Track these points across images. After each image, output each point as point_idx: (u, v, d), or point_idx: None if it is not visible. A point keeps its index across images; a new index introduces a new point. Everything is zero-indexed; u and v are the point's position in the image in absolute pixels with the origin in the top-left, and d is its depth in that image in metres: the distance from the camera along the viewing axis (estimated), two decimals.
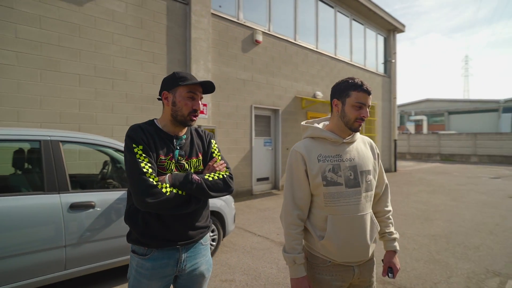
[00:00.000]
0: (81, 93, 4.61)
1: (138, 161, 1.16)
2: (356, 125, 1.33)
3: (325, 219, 1.30)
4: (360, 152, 1.37)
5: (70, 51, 4.52)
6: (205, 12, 6.10)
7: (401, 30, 13.01)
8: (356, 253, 1.31)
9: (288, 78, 8.19)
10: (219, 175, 1.33)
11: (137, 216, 1.24)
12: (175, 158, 1.28)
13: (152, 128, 1.29)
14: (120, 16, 5.02)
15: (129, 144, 1.20)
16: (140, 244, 1.25)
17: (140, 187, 1.13)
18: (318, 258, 1.34)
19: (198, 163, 1.37)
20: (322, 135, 1.35)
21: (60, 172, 2.43)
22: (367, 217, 1.31)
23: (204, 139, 1.44)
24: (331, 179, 1.29)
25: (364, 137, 1.47)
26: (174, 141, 1.31)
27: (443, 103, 31.96)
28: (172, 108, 1.29)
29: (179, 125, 1.32)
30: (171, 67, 5.67)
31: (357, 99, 1.29)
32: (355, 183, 1.30)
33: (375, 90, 12.03)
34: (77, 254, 2.43)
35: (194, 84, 1.30)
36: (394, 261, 1.44)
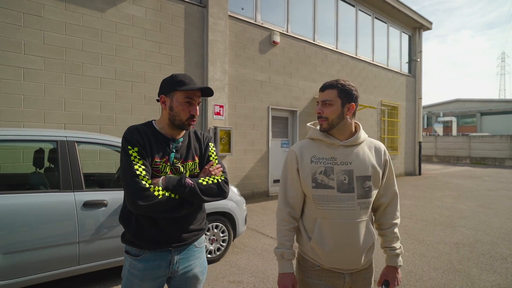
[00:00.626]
0: (102, 95, 4.81)
1: (132, 163, 1.18)
2: (319, 123, 1.34)
3: (314, 221, 1.29)
4: (361, 157, 1.30)
5: (92, 55, 4.73)
6: (222, 15, 6.17)
7: (427, 27, 12.46)
8: (345, 260, 1.26)
9: (306, 79, 8.09)
10: (213, 179, 1.33)
11: (131, 217, 1.26)
12: (170, 161, 1.29)
13: (149, 130, 1.30)
14: (140, 21, 5.18)
15: (125, 146, 1.22)
16: (132, 245, 1.27)
17: (132, 190, 1.14)
18: (307, 261, 1.33)
19: (194, 166, 1.37)
20: (318, 137, 1.33)
21: (75, 171, 2.54)
22: (360, 225, 1.26)
23: (202, 142, 1.43)
24: (321, 181, 1.26)
25: (373, 141, 1.39)
26: (170, 144, 1.31)
27: (474, 103, 30.24)
28: (169, 112, 1.29)
29: (177, 129, 1.33)
30: (188, 69, 5.78)
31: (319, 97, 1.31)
32: (349, 188, 1.25)
33: (398, 90, 11.61)
34: (90, 250, 2.52)
35: (192, 90, 1.29)
36: (392, 276, 1.37)
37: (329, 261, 1.26)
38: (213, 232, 3.37)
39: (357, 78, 9.70)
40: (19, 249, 2.22)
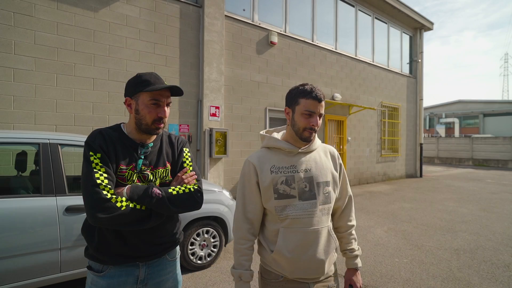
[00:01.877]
0: (95, 96, 4.72)
1: (93, 171, 1.07)
2: (305, 135, 1.24)
3: (277, 232, 1.23)
4: (318, 162, 1.29)
5: (85, 56, 4.64)
6: (218, 15, 6.08)
7: (429, 28, 12.33)
8: (309, 270, 1.22)
9: (305, 80, 7.98)
10: (185, 189, 1.22)
11: (93, 229, 1.15)
12: (137, 168, 1.18)
13: (115, 134, 1.19)
14: (133, 21, 5.10)
15: (86, 152, 1.11)
16: (95, 260, 1.16)
17: (91, 201, 1.04)
18: (270, 273, 1.27)
19: (166, 173, 1.26)
20: (277, 145, 1.28)
21: (58, 175, 2.45)
22: (322, 231, 1.23)
23: (176, 147, 1.32)
24: (283, 191, 1.21)
25: (326, 146, 1.40)
26: (138, 149, 1.21)
27: (477, 104, 30.00)
28: (135, 116, 1.19)
29: (144, 133, 1.22)
30: (183, 70, 5.69)
31: (306, 107, 1.21)
32: (311, 195, 1.23)
33: (399, 91, 11.47)
34: (72, 256, 2.43)
35: (158, 90, 1.17)
36: (354, 278, 1.37)
37: (293, 271, 1.22)
38: (203, 237, 3.26)
39: (357, 79, 9.59)
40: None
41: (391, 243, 4.18)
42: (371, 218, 5.47)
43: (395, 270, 3.29)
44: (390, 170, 11.11)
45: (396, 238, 4.39)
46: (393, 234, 4.58)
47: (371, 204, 6.74)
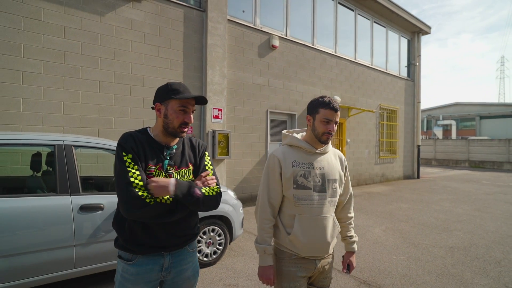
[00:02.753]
0: (101, 99, 4.85)
1: (126, 170, 1.21)
2: (324, 138, 1.50)
3: (293, 217, 1.49)
4: (330, 163, 1.57)
5: (91, 59, 4.77)
6: (221, 19, 6.22)
7: (426, 32, 12.53)
8: (318, 249, 1.50)
9: (305, 83, 8.14)
10: (212, 191, 1.36)
11: (124, 223, 1.29)
12: (164, 168, 1.32)
13: (143, 137, 1.33)
14: (139, 25, 5.23)
15: (119, 153, 1.25)
16: (125, 250, 1.29)
17: (125, 197, 1.17)
18: (285, 253, 1.53)
19: (188, 173, 1.40)
20: (299, 144, 1.54)
21: (72, 175, 2.57)
22: (329, 219, 1.51)
23: (197, 151, 1.46)
24: (301, 183, 1.47)
25: (335, 150, 1.67)
26: (164, 151, 1.34)
27: (473, 107, 30.31)
28: (164, 120, 1.32)
29: (170, 136, 1.36)
30: (187, 73, 5.83)
31: (325, 115, 1.47)
32: (322, 188, 1.50)
33: (397, 94, 11.65)
34: (86, 253, 2.55)
35: (186, 98, 1.32)
36: (352, 260, 1.69)
37: (305, 250, 1.48)
38: (209, 235, 3.39)
39: (356, 82, 9.75)
40: (16, 253, 2.25)
41: (389, 241, 4.32)
42: (369, 218, 5.61)
43: (393, 266, 3.43)
44: (388, 171, 11.28)
45: (394, 236, 4.53)
46: (390, 233, 4.72)
47: (370, 204, 6.89)
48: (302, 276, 1.50)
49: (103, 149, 2.92)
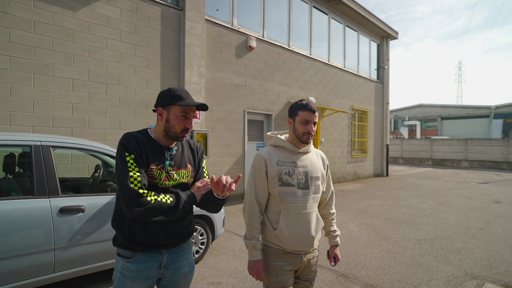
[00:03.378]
0: (74, 97, 4.66)
1: (128, 169, 1.23)
2: (304, 138, 1.60)
3: (278, 213, 1.59)
4: (312, 162, 1.67)
5: (64, 56, 4.57)
6: (199, 18, 6.20)
7: (394, 37, 13.24)
8: (303, 243, 1.59)
9: (281, 84, 8.31)
10: None
11: (123, 222, 1.31)
12: (165, 169, 1.36)
13: (145, 138, 1.36)
14: (114, 22, 5.09)
15: (122, 152, 1.26)
16: (125, 248, 1.32)
17: (127, 196, 1.20)
18: (272, 248, 1.61)
19: (187, 174, 1.44)
20: (283, 144, 1.64)
21: (50, 176, 2.49)
22: (313, 214, 1.62)
23: (196, 153, 1.51)
24: (286, 180, 1.57)
25: (317, 151, 1.79)
26: (165, 152, 1.38)
27: (436, 108, 32.41)
28: (165, 124, 1.35)
29: (170, 139, 1.40)
30: (164, 72, 5.75)
31: (303, 117, 1.59)
32: (305, 185, 1.59)
33: (368, 96, 12.22)
34: (66, 257, 2.48)
35: (189, 106, 1.36)
36: (336, 252, 1.81)
37: (291, 244, 1.56)
38: None
39: (329, 84, 10.10)
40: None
41: (362, 236, 4.57)
42: (344, 214, 5.88)
43: (367, 259, 3.66)
44: (360, 170, 11.80)
45: (367, 231, 4.80)
46: (364, 228, 4.99)
47: (344, 201, 7.20)
48: (289, 269, 1.59)
49: (83, 149, 2.85)
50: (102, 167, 3.66)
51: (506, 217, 5.81)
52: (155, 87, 5.59)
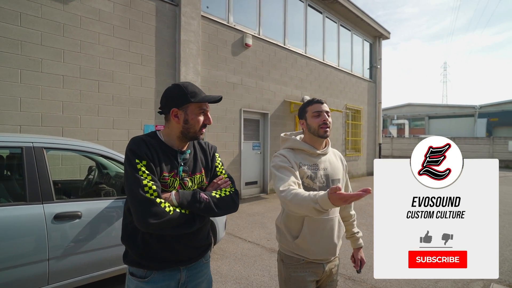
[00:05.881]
0: (65, 95, 4.42)
1: (140, 178, 1.09)
2: (321, 132, 1.48)
3: (300, 220, 1.45)
4: (332, 163, 1.57)
5: (53, 51, 4.32)
6: (195, 14, 6.01)
7: (386, 37, 13.32)
8: (326, 251, 1.49)
9: (277, 82, 8.20)
10: (225, 192, 1.28)
11: (136, 236, 1.16)
12: (179, 175, 1.21)
13: (155, 142, 1.21)
14: (107, 16, 4.85)
15: (132, 159, 1.11)
16: (139, 266, 1.17)
17: (142, 207, 1.06)
18: (292, 258, 1.49)
19: (201, 179, 1.30)
20: (301, 147, 1.52)
21: (44, 181, 2.30)
22: (335, 220, 1.51)
23: (208, 153, 1.37)
24: (308, 185, 1.44)
25: (335, 151, 1.69)
26: (178, 156, 1.24)
27: (423, 107, 33.02)
28: (183, 126, 1.21)
29: (187, 140, 1.26)
30: (159, 69, 5.55)
31: (313, 110, 1.51)
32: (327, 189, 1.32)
33: (361, 95, 12.26)
34: (62, 267, 2.30)
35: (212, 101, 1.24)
36: (362, 255, 1.70)
37: (314, 253, 1.45)
38: None
39: (324, 83, 10.06)
40: None
41: (364, 236, 4.46)
42: None
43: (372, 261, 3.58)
44: (353, 168, 11.83)
45: (368, 232, 4.75)
46: (364, 228, 4.93)
47: None
48: (311, 280, 1.48)
49: (78, 151, 2.66)
50: (96, 168, 3.47)
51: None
52: (149, 85, 5.38)
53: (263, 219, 5.39)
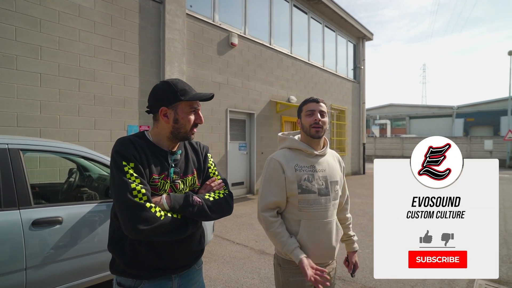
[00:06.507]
0: (43, 94, 4.21)
1: (128, 181, 1.01)
2: (313, 132, 1.45)
3: (297, 223, 1.43)
4: (330, 165, 1.53)
5: (29, 48, 4.10)
6: (180, 12, 5.89)
7: (369, 38, 13.59)
8: (324, 255, 1.46)
9: (263, 82, 8.18)
10: (219, 195, 1.21)
11: (124, 243, 1.08)
12: (170, 177, 1.14)
13: (143, 142, 1.13)
14: (88, 12, 4.66)
15: (118, 161, 1.04)
16: (127, 276, 1.09)
17: (130, 212, 0.98)
18: (290, 262, 1.43)
19: (194, 181, 1.23)
20: (299, 146, 1.48)
21: (20, 184, 2.15)
22: (333, 223, 1.48)
23: (200, 154, 1.30)
24: (306, 187, 1.41)
25: (333, 152, 1.64)
26: (168, 157, 1.17)
27: (404, 108, 33.99)
28: (173, 125, 1.14)
29: (177, 140, 1.19)
30: (143, 68, 5.39)
31: (307, 108, 1.48)
32: (326, 191, 1.44)
33: (346, 95, 12.44)
34: (41, 276, 2.16)
35: (203, 99, 1.18)
36: (356, 259, 1.69)
37: (312, 256, 1.40)
38: None
39: (309, 83, 10.13)
40: None
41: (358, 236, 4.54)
42: None
43: (361, 260, 3.61)
44: None
45: (355, 231, 4.74)
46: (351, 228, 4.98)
47: None
48: (310, 284, 1.44)
49: (57, 152, 2.52)
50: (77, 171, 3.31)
51: None
52: (133, 84, 5.22)
53: (250, 220, 5.35)
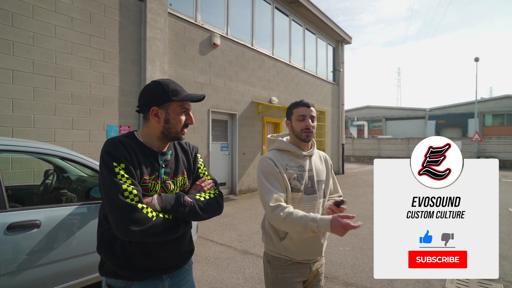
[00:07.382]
0: (15, 92, 4.01)
1: (119, 182, 1.00)
2: (303, 136, 1.50)
3: None
4: (317, 165, 1.59)
5: (0, 42, 3.90)
6: (161, 11, 5.80)
7: (348, 41, 13.96)
8: (312, 251, 1.51)
9: (245, 83, 8.20)
10: (210, 194, 1.23)
11: (114, 245, 1.07)
12: (160, 178, 1.14)
13: (133, 143, 1.12)
14: (64, 8, 4.49)
15: (108, 162, 1.03)
16: (117, 277, 1.08)
17: (122, 214, 0.98)
18: (279, 259, 1.49)
19: (184, 181, 1.24)
20: (288, 148, 1.53)
21: None
22: None
23: (190, 154, 1.30)
24: (295, 186, 1.46)
25: (320, 152, 1.71)
26: (159, 157, 1.16)
27: (381, 110, 35.15)
28: (164, 125, 1.14)
29: (168, 140, 1.19)
30: (123, 67, 5.26)
31: (298, 113, 1.51)
32: (312, 190, 1.51)
33: (325, 97, 12.70)
34: (16, 283, 2.07)
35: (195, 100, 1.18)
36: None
37: (300, 254, 1.47)
38: None
39: (290, 84, 10.27)
40: None
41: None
42: None
43: (342, 257, 3.72)
44: None
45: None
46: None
47: None
48: (299, 281, 1.50)
49: (32, 153, 2.42)
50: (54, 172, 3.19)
51: None
52: (113, 83, 5.08)
53: (233, 221, 5.35)
